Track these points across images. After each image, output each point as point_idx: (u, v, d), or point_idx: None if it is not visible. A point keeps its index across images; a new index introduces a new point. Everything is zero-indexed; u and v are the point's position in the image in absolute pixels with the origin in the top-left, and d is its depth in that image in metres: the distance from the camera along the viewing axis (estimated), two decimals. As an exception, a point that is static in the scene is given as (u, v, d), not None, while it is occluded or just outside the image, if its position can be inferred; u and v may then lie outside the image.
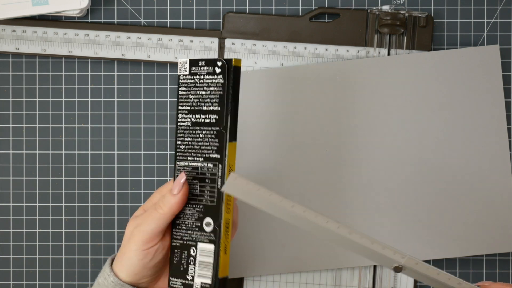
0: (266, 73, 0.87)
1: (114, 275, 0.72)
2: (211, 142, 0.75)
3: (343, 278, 0.87)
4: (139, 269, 0.72)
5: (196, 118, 0.75)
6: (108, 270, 0.73)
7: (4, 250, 0.88)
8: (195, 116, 0.76)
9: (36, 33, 0.87)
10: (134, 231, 0.72)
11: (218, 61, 0.75)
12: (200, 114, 0.75)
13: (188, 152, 0.76)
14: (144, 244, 0.72)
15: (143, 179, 0.88)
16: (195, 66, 0.76)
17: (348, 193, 0.86)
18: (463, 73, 0.86)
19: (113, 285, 0.72)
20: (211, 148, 0.75)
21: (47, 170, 0.88)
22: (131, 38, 0.87)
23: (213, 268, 0.75)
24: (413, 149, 0.86)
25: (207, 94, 0.75)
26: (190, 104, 0.76)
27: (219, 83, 0.75)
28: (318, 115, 0.86)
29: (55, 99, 0.88)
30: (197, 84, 0.75)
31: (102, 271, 0.74)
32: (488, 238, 0.86)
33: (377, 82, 0.86)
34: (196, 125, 0.76)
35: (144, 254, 0.72)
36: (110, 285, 0.72)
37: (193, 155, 0.75)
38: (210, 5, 0.88)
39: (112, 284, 0.72)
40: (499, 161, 0.86)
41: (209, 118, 0.75)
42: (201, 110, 0.75)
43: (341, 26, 0.87)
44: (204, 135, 0.75)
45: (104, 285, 0.73)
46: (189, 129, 0.76)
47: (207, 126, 0.75)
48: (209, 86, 0.75)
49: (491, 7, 0.88)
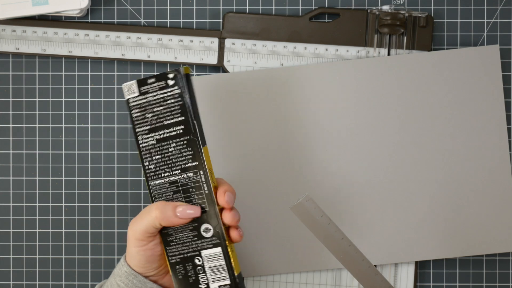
0: (266, 73, 0.87)
1: (127, 266, 0.76)
2: (184, 152, 0.75)
3: (343, 278, 0.87)
4: (143, 262, 0.76)
5: (159, 135, 0.75)
6: (123, 261, 0.77)
7: (4, 250, 0.88)
8: (158, 133, 0.75)
9: (36, 33, 0.87)
10: (129, 229, 0.75)
11: (169, 73, 0.75)
12: (163, 129, 0.75)
13: (160, 169, 0.75)
14: (138, 241, 0.75)
15: (142, 179, 0.88)
16: (144, 85, 0.75)
17: (347, 193, 0.86)
18: (463, 73, 0.86)
19: (126, 274, 0.76)
20: (185, 158, 0.75)
21: (47, 170, 0.88)
22: (131, 38, 0.87)
23: (227, 268, 0.76)
24: (412, 149, 0.86)
25: (165, 109, 0.75)
26: (148, 123, 0.75)
27: (176, 94, 0.75)
28: (318, 115, 0.86)
29: (55, 99, 0.88)
30: (151, 102, 0.75)
31: (118, 262, 0.79)
32: (488, 238, 0.86)
33: (377, 82, 0.86)
34: (161, 141, 0.75)
35: (139, 251, 0.75)
36: (123, 274, 0.76)
37: (167, 171, 0.75)
38: (210, 5, 0.88)
39: (125, 273, 0.76)
40: (499, 161, 0.86)
41: (174, 131, 0.75)
42: (163, 125, 0.75)
43: (341, 26, 0.87)
44: (174, 148, 0.75)
45: (118, 274, 0.77)
46: (154, 147, 0.75)
47: (174, 138, 0.75)
48: (166, 100, 0.75)
49: (491, 7, 0.88)
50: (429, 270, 0.89)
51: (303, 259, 0.86)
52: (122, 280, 0.76)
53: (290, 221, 0.86)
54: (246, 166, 0.86)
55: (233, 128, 0.86)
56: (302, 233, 0.86)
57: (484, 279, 0.88)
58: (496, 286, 0.88)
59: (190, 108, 0.75)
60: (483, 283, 0.88)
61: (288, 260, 0.87)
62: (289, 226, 0.86)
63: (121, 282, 0.76)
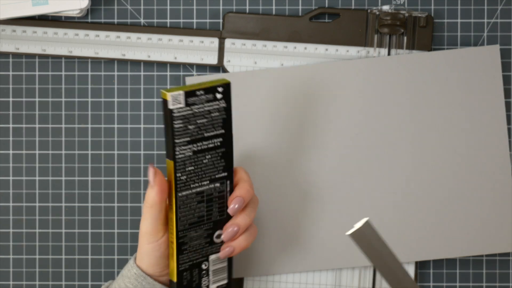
0: (266, 73, 0.87)
1: (137, 267, 0.76)
2: (217, 164, 0.75)
3: (343, 278, 0.87)
4: (155, 260, 0.75)
5: (197, 147, 0.74)
6: (132, 263, 0.77)
7: (4, 250, 0.88)
8: (197, 144, 0.74)
9: (36, 33, 0.87)
10: (140, 227, 0.75)
11: (218, 87, 0.73)
12: (202, 141, 0.74)
13: (191, 180, 0.74)
14: (149, 239, 0.75)
15: (143, 179, 0.88)
16: (191, 97, 0.73)
17: (347, 193, 0.86)
18: (463, 73, 0.86)
19: (135, 276, 0.76)
20: (217, 169, 0.75)
21: (47, 170, 0.88)
22: (131, 38, 0.87)
23: (228, 269, 0.78)
24: (412, 149, 0.86)
25: (208, 121, 0.74)
26: (189, 135, 0.73)
27: (221, 108, 0.74)
28: (318, 115, 0.86)
29: (55, 99, 0.88)
30: (196, 113, 0.73)
31: (126, 264, 0.79)
32: (488, 238, 0.86)
33: (377, 82, 0.86)
34: (198, 153, 0.74)
35: (152, 248, 0.75)
36: (133, 276, 0.76)
37: (197, 182, 0.74)
38: (210, 5, 0.88)
39: (135, 275, 0.76)
40: (499, 161, 0.86)
41: (213, 143, 0.74)
42: (203, 137, 0.74)
43: (341, 26, 0.87)
44: (208, 159, 0.74)
45: (127, 276, 0.76)
46: (190, 158, 0.74)
47: (211, 150, 0.74)
48: (210, 113, 0.74)
49: (491, 7, 0.88)
50: (429, 270, 0.89)
51: (303, 259, 0.87)
52: (131, 282, 0.76)
53: (290, 221, 0.86)
54: (245, 166, 0.86)
55: (233, 128, 0.86)
56: (302, 233, 0.86)
57: (484, 279, 0.88)
58: (496, 286, 0.88)
59: (231, 121, 0.75)
60: (483, 283, 0.88)
61: (288, 260, 0.87)
62: (289, 226, 0.86)
63: (130, 284, 0.76)
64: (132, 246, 0.88)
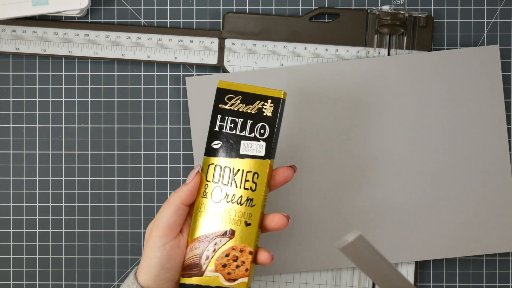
0: (266, 73, 0.87)
1: (137, 283, 0.74)
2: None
3: (343, 278, 0.87)
4: (158, 270, 0.74)
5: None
6: (132, 278, 0.75)
7: (4, 250, 0.88)
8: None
9: (36, 33, 0.87)
10: (152, 228, 0.75)
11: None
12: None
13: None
14: (161, 238, 0.74)
15: (143, 179, 0.88)
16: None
17: (347, 193, 0.86)
18: (463, 73, 0.86)
19: None
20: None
21: (47, 170, 0.88)
22: (131, 38, 0.87)
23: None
24: (412, 149, 0.86)
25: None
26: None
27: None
28: (317, 115, 0.86)
29: (55, 99, 0.88)
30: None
31: (126, 279, 0.76)
32: (488, 238, 0.86)
33: (377, 82, 0.86)
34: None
35: (161, 251, 0.73)
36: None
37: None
38: (210, 5, 0.88)
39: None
40: (499, 161, 0.86)
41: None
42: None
43: (341, 26, 0.87)
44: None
45: None
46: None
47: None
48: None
49: (491, 7, 0.88)
50: (429, 270, 0.89)
51: (303, 259, 0.86)
52: None
53: (290, 222, 0.86)
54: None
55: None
56: (302, 233, 0.86)
57: (484, 279, 0.88)
58: (496, 286, 0.88)
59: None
60: (483, 283, 0.88)
61: (288, 260, 0.87)
62: (289, 226, 0.86)
63: None
64: (132, 246, 0.88)
